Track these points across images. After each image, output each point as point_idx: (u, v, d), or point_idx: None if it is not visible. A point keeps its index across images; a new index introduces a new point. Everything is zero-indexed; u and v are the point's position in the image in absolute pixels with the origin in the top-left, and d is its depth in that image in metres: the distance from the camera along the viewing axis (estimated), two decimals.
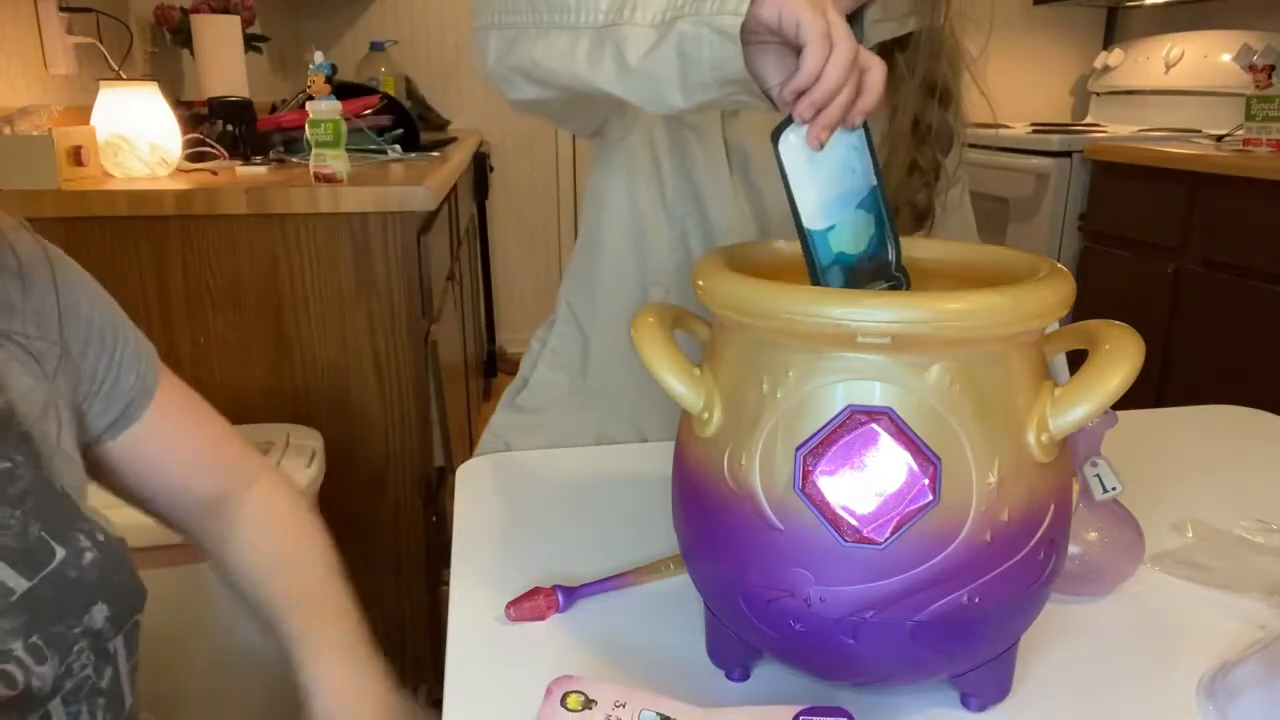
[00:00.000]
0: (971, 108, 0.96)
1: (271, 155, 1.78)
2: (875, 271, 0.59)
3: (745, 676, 0.58)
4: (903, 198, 0.92)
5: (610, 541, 0.77)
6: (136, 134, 1.54)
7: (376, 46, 3.04)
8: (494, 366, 3.47)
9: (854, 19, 0.91)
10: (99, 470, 0.68)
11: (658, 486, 0.61)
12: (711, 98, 0.60)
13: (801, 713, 0.50)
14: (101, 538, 0.58)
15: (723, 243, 0.87)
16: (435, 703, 0.59)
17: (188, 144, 1.66)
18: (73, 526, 0.57)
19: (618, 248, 0.96)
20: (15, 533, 0.53)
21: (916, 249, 0.63)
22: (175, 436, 0.71)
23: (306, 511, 0.76)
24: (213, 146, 1.72)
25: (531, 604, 0.65)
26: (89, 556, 0.56)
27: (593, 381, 1.01)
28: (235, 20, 2.14)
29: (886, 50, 0.91)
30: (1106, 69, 3.34)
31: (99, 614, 0.56)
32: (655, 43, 0.60)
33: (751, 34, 0.56)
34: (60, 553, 0.55)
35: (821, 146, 0.55)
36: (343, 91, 1.57)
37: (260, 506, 0.75)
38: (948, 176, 0.94)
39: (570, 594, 0.66)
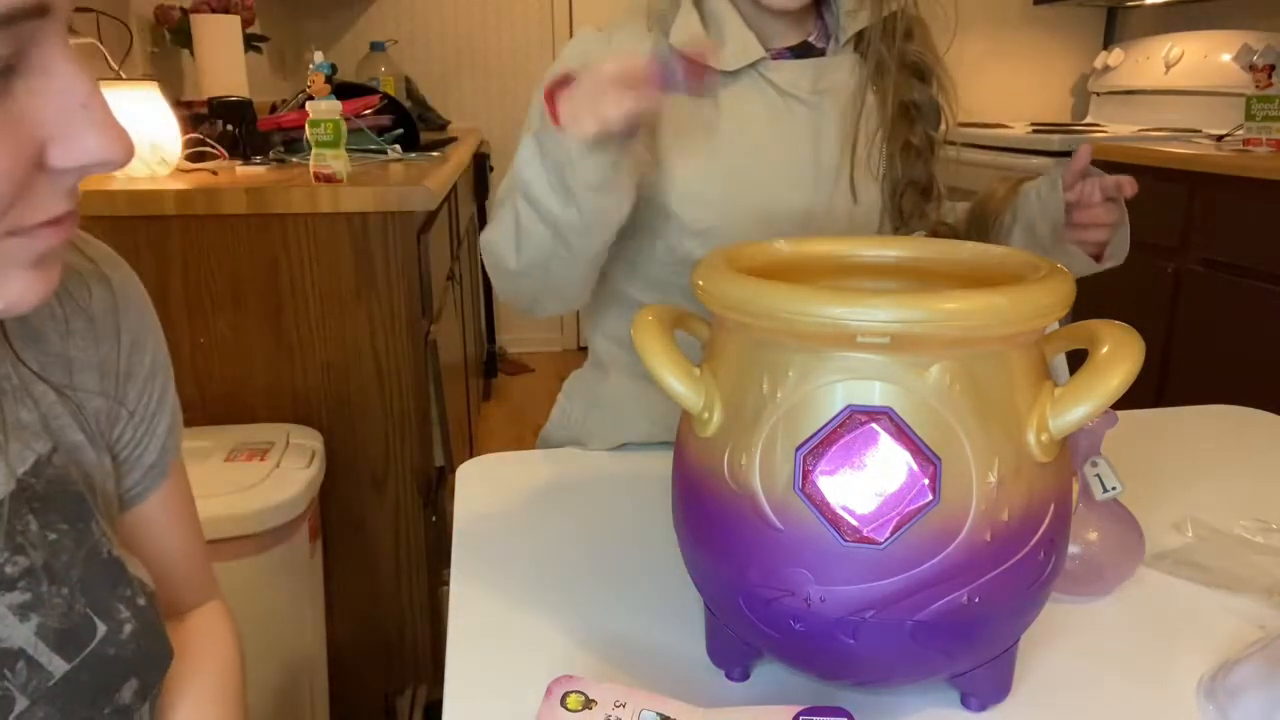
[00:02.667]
0: (971, 108, 0.97)
1: (271, 155, 1.78)
2: None
3: (745, 676, 0.58)
4: (906, 177, 0.96)
5: (610, 541, 0.77)
6: (136, 134, 1.53)
7: (376, 46, 3.04)
8: (494, 366, 3.47)
9: (825, 7, 0.97)
10: None
11: (658, 486, 0.61)
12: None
13: (801, 713, 0.50)
14: (142, 602, 0.55)
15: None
16: (435, 703, 0.58)
17: (188, 144, 1.66)
18: (115, 595, 0.54)
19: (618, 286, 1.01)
20: (60, 612, 0.51)
21: (917, 249, 0.63)
22: (166, 531, 0.65)
23: (238, 662, 0.69)
24: (213, 146, 1.72)
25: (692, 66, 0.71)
26: (128, 629, 0.54)
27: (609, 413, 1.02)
28: (235, 20, 2.14)
29: (862, 39, 0.96)
30: (1106, 69, 3.34)
31: (129, 690, 0.54)
32: (568, 197, 0.78)
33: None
34: (101, 629, 0.52)
35: None
36: (343, 91, 1.57)
37: (197, 659, 0.67)
38: (939, 150, 0.98)
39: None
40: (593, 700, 0.50)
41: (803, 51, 0.96)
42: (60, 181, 0.42)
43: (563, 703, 0.50)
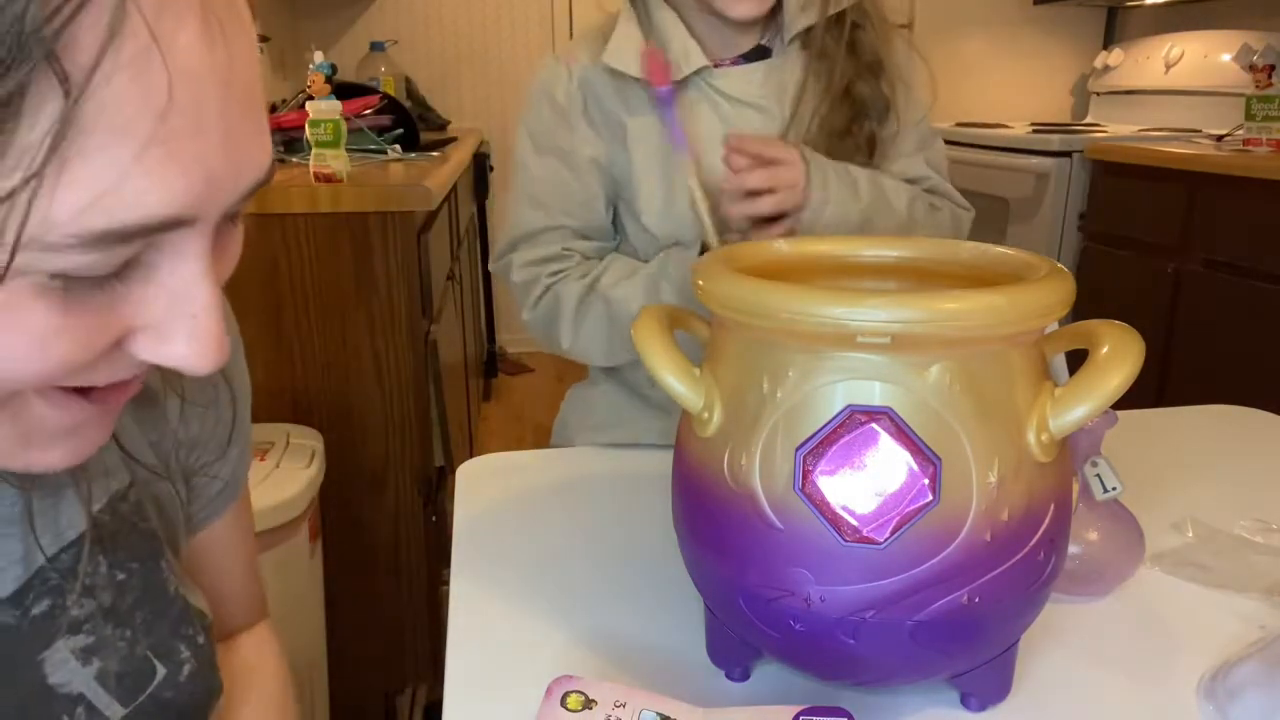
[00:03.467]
0: (971, 108, 0.96)
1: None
2: None
3: (745, 676, 0.58)
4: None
5: (610, 542, 0.77)
6: None
7: (376, 46, 3.04)
8: (494, 366, 3.47)
9: (775, 12, 0.95)
10: None
11: (657, 486, 0.61)
12: None
13: (801, 713, 0.50)
14: (201, 640, 0.54)
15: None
16: (435, 703, 0.58)
17: None
18: (177, 635, 0.53)
19: None
20: (121, 655, 0.50)
21: (917, 249, 0.63)
22: (230, 551, 0.65)
23: (289, 685, 0.69)
24: None
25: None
26: (187, 669, 0.53)
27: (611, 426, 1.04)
28: None
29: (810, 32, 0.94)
30: (1106, 69, 3.34)
31: None
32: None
33: None
34: (161, 672, 0.52)
35: None
36: (343, 91, 1.56)
37: (249, 685, 0.67)
38: (884, 147, 0.96)
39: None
40: (593, 700, 0.50)
41: (757, 55, 0.95)
42: (131, 362, 0.38)
43: (563, 703, 0.50)
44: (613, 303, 0.91)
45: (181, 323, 0.37)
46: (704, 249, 0.88)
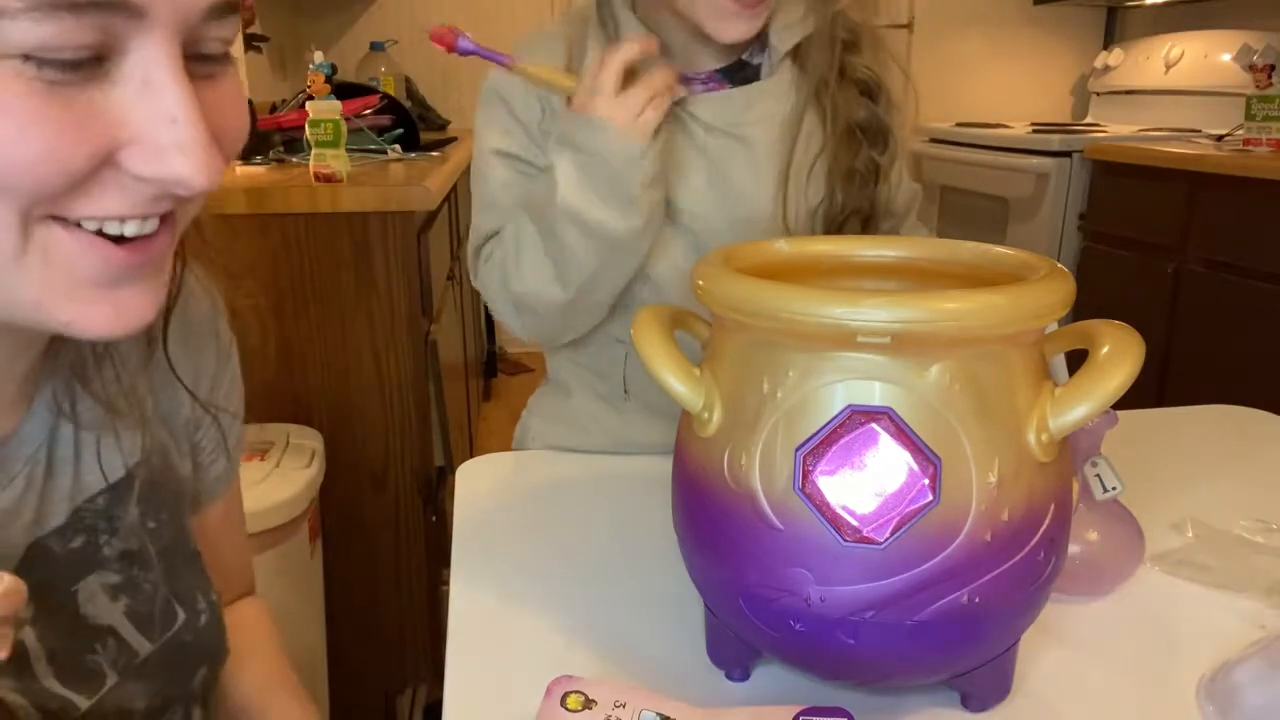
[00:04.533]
0: (971, 108, 0.94)
1: (271, 155, 1.78)
2: None
3: (745, 676, 0.58)
4: (847, 208, 0.88)
5: (610, 541, 0.77)
6: None
7: (376, 46, 3.04)
8: (494, 366, 3.47)
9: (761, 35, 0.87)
10: None
11: (657, 486, 0.61)
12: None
13: (801, 713, 0.50)
14: (214, 597, 0.58)
15: (674, 290, 0.87)
16: (435, 703, 0.59)
17: None
18: (195, 587, 0.57)
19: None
20: (147, 595, 0.53)
21: (916, 249, 0.63)
22: (225, 531, 0.68)
23: (284, 648, 0.72)
24: None
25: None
26: (204, 619, 0.56)
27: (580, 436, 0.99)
28: None
29: (802, 50, 0.88)
30: (1106, 69, 3.34)
31: (199, 678, 0.56)
32: (628, 206, 0.78)
33: None
34: (181, 616, 0.55)
35: None
36: (343, 91, 1.57)
37: (250, 645, 0.70)
38: (886, 174, 0.90)
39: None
40: (593, 700, 0.50)
41: (736, 69, 0.89)
42: (135, 188, 0.40)
43: (563, 703, 0.50)
44: (532, 208, 0.83)
45: (162, 129, 0.39)
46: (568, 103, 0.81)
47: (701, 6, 0.81)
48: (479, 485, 0.88)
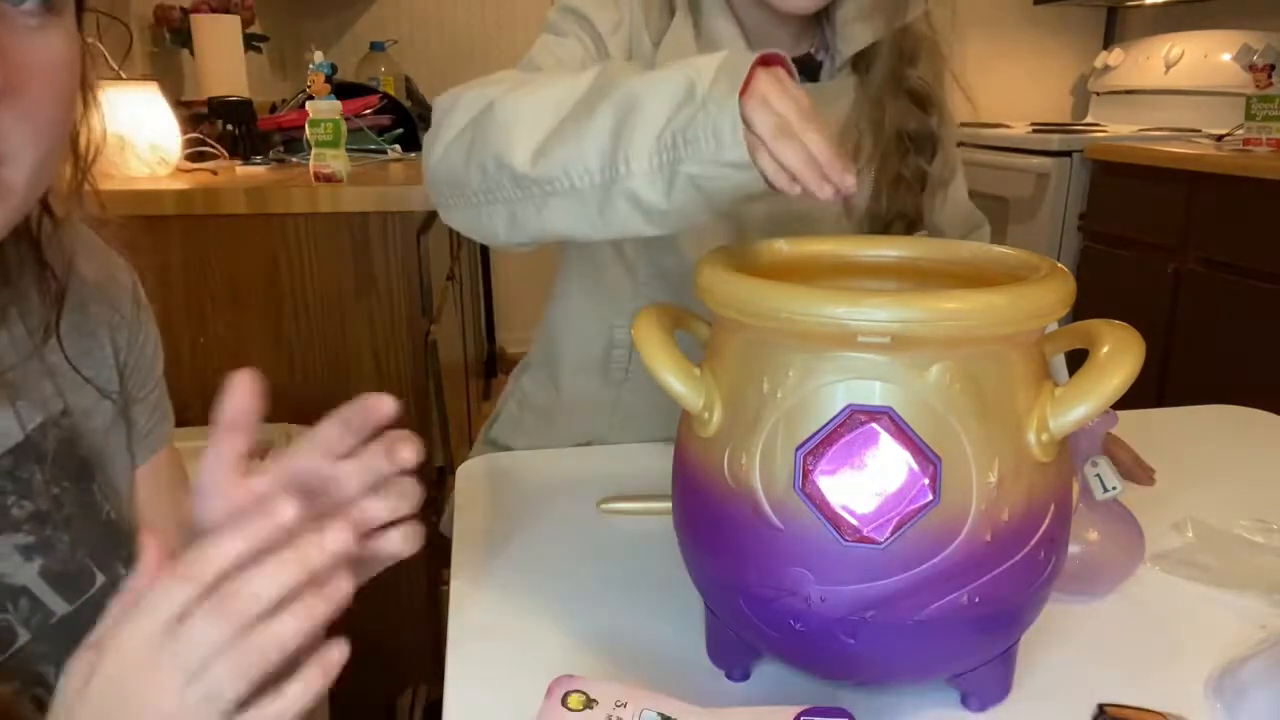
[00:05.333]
0: (969, 107, 0.94)
1: (271, 155, 1.78)
2: None
3: (745, 676, 0.58)
4: (893, 211, 0.89)
5: (610, 541, 0.77)
6: (136, 134, 1.54)
7: (376, 46, 3.03)
8: (494, 366, 3.46)
9: (825, 19, 0.88)
10: None
11: (657, 485, 0.61)
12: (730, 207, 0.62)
13: (802, 713, 0.50)
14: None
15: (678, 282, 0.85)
16: (435, 703, 0.59)
17: (187, 144, 1.66)
18: (113, 554, 0.57)
19: (581, 300, 0.97)
20: (61, 556, 0.53)
21: (916, 249, 0.63)
22: (161, 495, 0.67)
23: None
24: (213, 146, 1.71)
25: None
26: (125, 585, 0.56)
27: (560, 426, 1.00)
28: (235, 20, 2.14)
29: (863, 57, 0.88)
30: (1106, 69, 3.34)
31: None
32: (668, 187, 0.58)
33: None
34: (100, 579, 0.55)
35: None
36: (343, 91, 1.56)
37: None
38: (933, 182, 0.91)
39: None
40: (594, 700, 0.50)
41: (803, 64, 0.89)
42: None
43: (564, 702, 0.50)
44: (599, 75, 0.64)
45: None
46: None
47: None
48: (479, 485, 0.88)
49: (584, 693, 0.51)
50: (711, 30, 0.85)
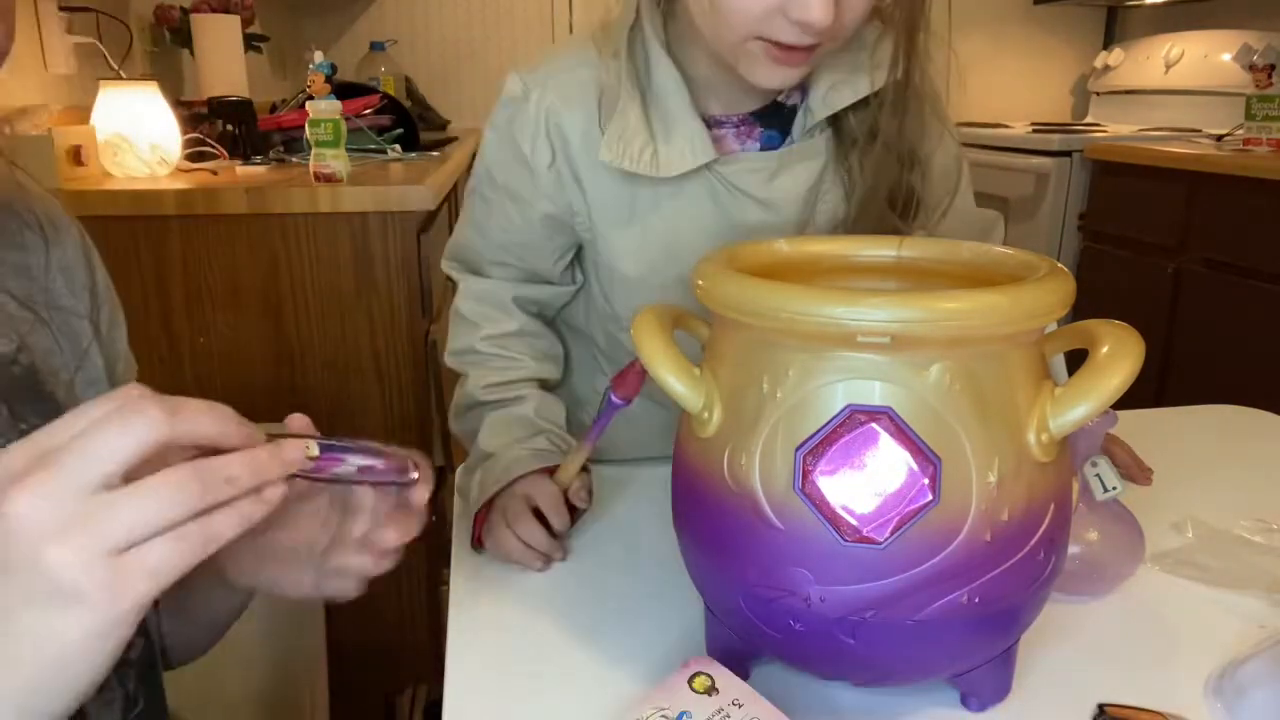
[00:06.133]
0: (967, 108, 0.92)
1: (271, 155, 1.78)
2: None
3: (745, 676, 0.58)
4: None
5: (610, 541, 0.77)
6: (136, 134, 1.54)
7: (376, 46, 3.04)
8: None
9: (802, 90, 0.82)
10: None
11: (657, 485, 0.61)
12: None
13: None
14: None
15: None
16: (435, 703, 0.59)
17: (187, 144, 1.66)
18: None
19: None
20: None
21: (916, 249, 0.63)
22: None
23: None
24: (213, 146, 1.72)
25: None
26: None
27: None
28: (235, 20, 2.14)
29: (841, 116, 0.82)
30: (1106, 69, 3.34)
31: None
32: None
33: None
34: None
35: None
36: (343, 91, 1.56)
37: None
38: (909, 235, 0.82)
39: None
40: (716, 689, 0.51)
41: (771, 111, 0.83)
42: None
43: (690, 681, 0.51)
44: (469, 437, 0.87)
45: None
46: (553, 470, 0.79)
47: (742, 55, 0.73)
48: None
49: (711, 679, 0.52)
50: (658, 85, 0.80)
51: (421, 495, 0.51)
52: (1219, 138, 2.53)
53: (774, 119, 0.84)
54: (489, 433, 0.84)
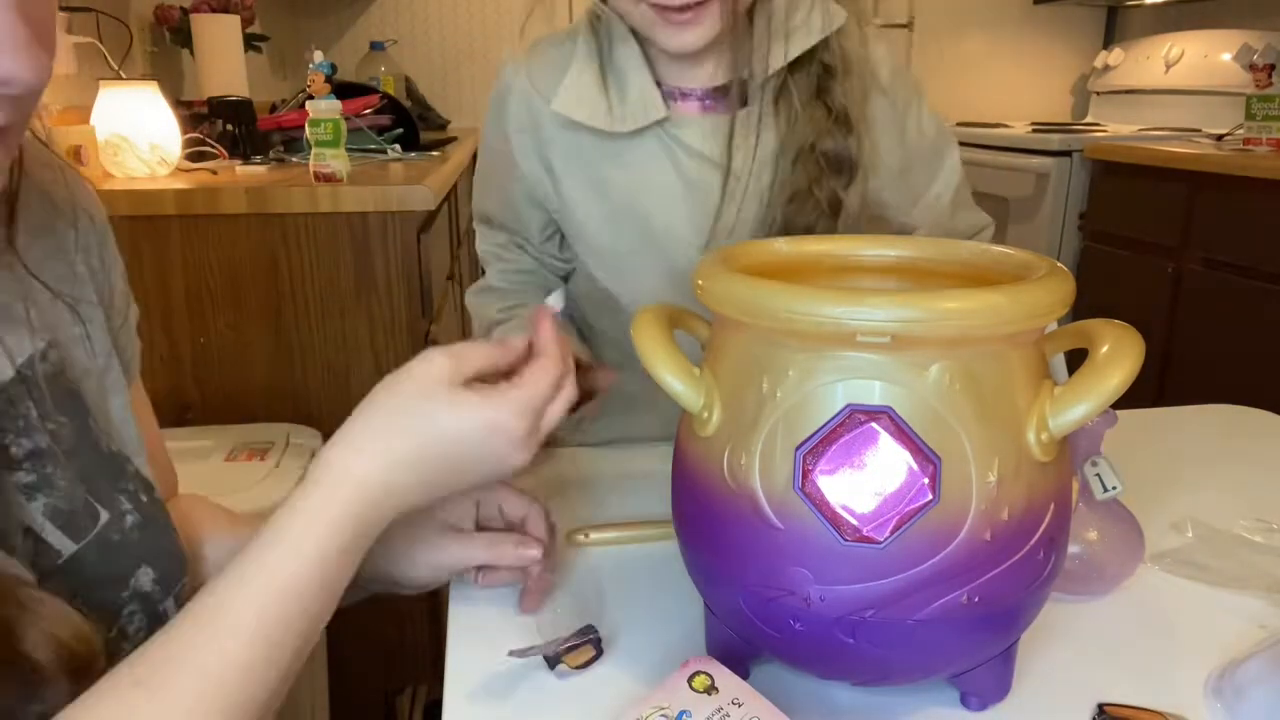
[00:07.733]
0: (971, 108, 0.94)
1: (271, 155, 1.78)
2: None
3: (745, 676, 0.58)
4: (794, 225, 0.86)
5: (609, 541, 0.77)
6: (136, 133, 1.54)
7: (376, 46, 3.04)
8: None
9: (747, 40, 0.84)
10: None
11: (657, 484, 0.61)
12: None
13: None
14: (144, 499, 0.57)
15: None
16: (435, 703, 0.59)
17: (187, 144, 1.66)
18: (116, 489, 0.56)
19: None
20: (64, 494, 0.53)
21: (916, 249, 0.63)
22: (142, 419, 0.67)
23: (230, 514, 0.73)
24: (213, 146, 1.72)
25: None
26: (130, 520, 0.55)
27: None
28: (235, 20, 2.14)
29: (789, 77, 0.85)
30: (1106, 68, 3.34)
31: (145, 577, 0.55)
32: None
33: None
34: (104, 516, 0.54)
35: None
36: (343, 91, 1.57)
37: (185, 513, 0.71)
38: (850, 211, 0.87)
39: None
40: (716, 688, 0.51)
41: (726, 90, 0.87)
42: None
43: (690, 680, 0.51)
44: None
45: None
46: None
47: (643, 23, 0.82)
48: None
49: (711, 678, 0.52)
50: (618, 56, 0.87)
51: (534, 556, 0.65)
52: (1219, 137, 2.53)
53: (734, 95, 0.87)
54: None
